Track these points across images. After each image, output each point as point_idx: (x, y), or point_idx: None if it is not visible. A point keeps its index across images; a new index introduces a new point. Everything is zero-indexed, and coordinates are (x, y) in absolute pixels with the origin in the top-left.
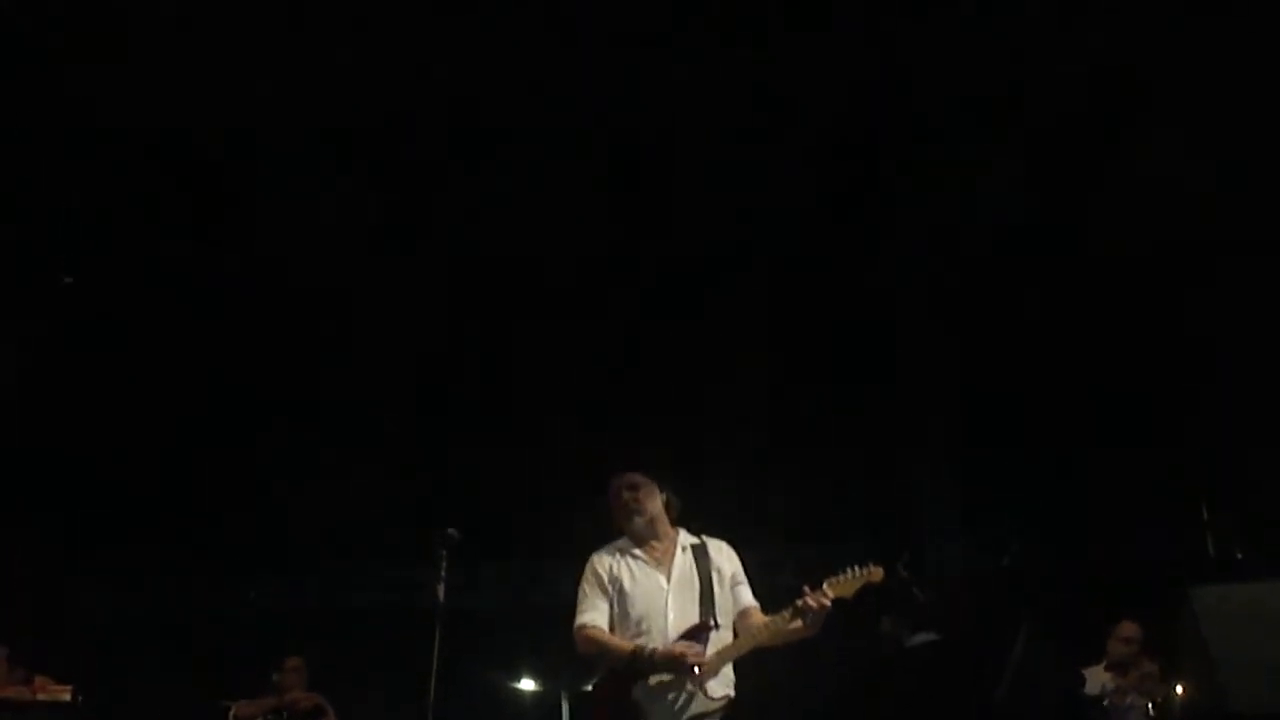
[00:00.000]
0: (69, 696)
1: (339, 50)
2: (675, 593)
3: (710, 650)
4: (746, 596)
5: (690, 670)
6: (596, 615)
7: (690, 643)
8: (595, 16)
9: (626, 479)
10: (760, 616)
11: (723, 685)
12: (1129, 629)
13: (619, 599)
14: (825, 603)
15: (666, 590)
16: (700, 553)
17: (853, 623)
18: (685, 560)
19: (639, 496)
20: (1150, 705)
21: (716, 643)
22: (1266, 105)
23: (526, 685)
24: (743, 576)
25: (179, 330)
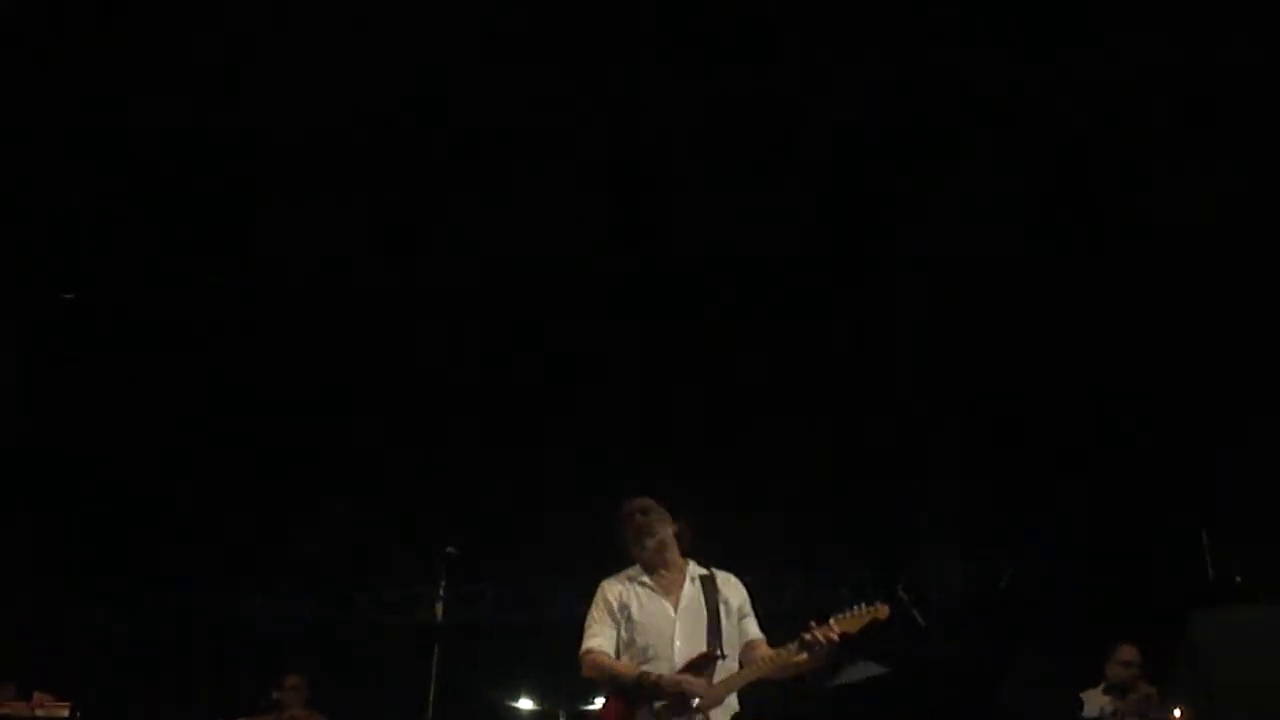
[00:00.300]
0: (67, 713)
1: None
2: (683, 621)
3: (716, 678)
4: (753, 629)
5: (689, 702)
6: (604, 641)
7: (693, 676)
8: (596, 29)
9: (638, 503)
10: (766, 649)
11: (726, 714)
12: (1128, 652)
13: (627, 625)
14: (833, 637)
15: (674, 619)
16: (709, 584)
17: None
18: (694, 590)
19: (650, 521)
20: None
21: (722, 672)
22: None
23: (525, 705)
24: (749, 609)
25: (182, 344)
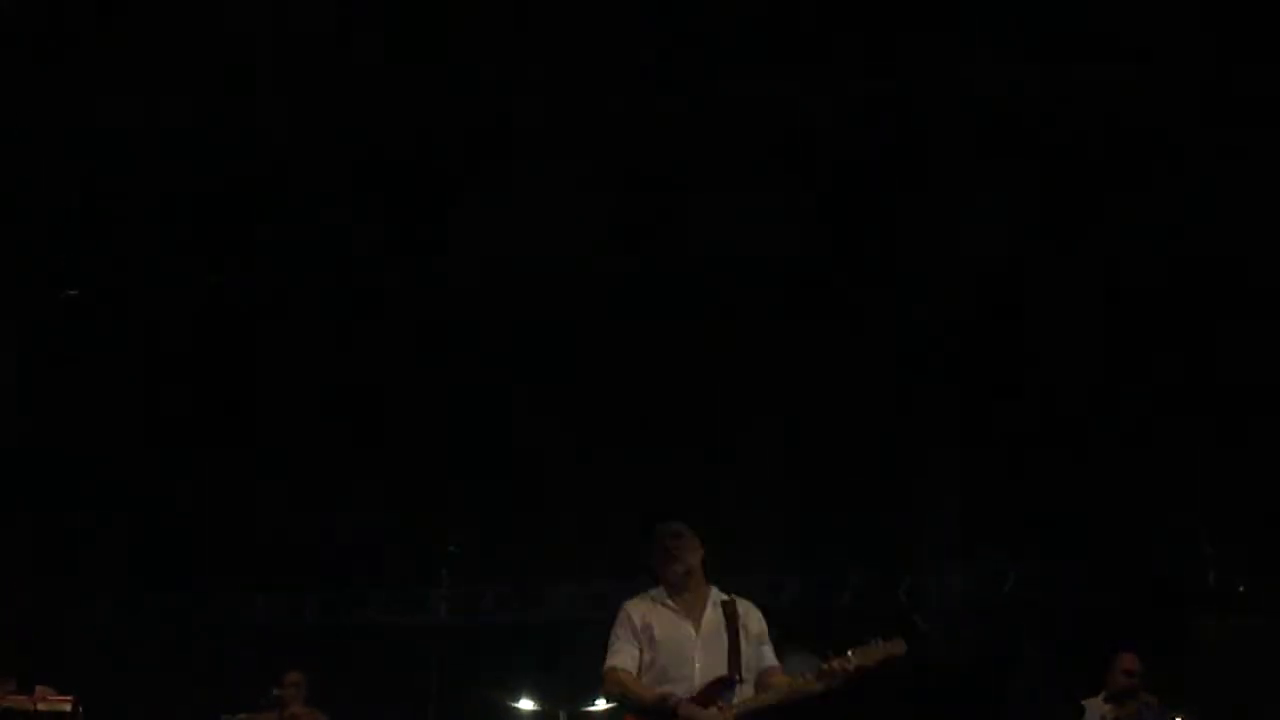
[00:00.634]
0: (70, 707)
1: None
2: (704, 644)
3: (733, 702)
4: (770, 657)
5: None
6: (626, 660)
7: (710, 699)
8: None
9: (672, 527)
10: (782, 677)
11: None
12: (1129, 660)
13: (649, 646)
14: (849, 669)
15: (695, 641)
16: (729, 609)
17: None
18: (715, 614)
19: (682, 546)
20: None
21: (738, 696)
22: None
23: (525, 705)
24: (767, 638)
25: (183, 344)
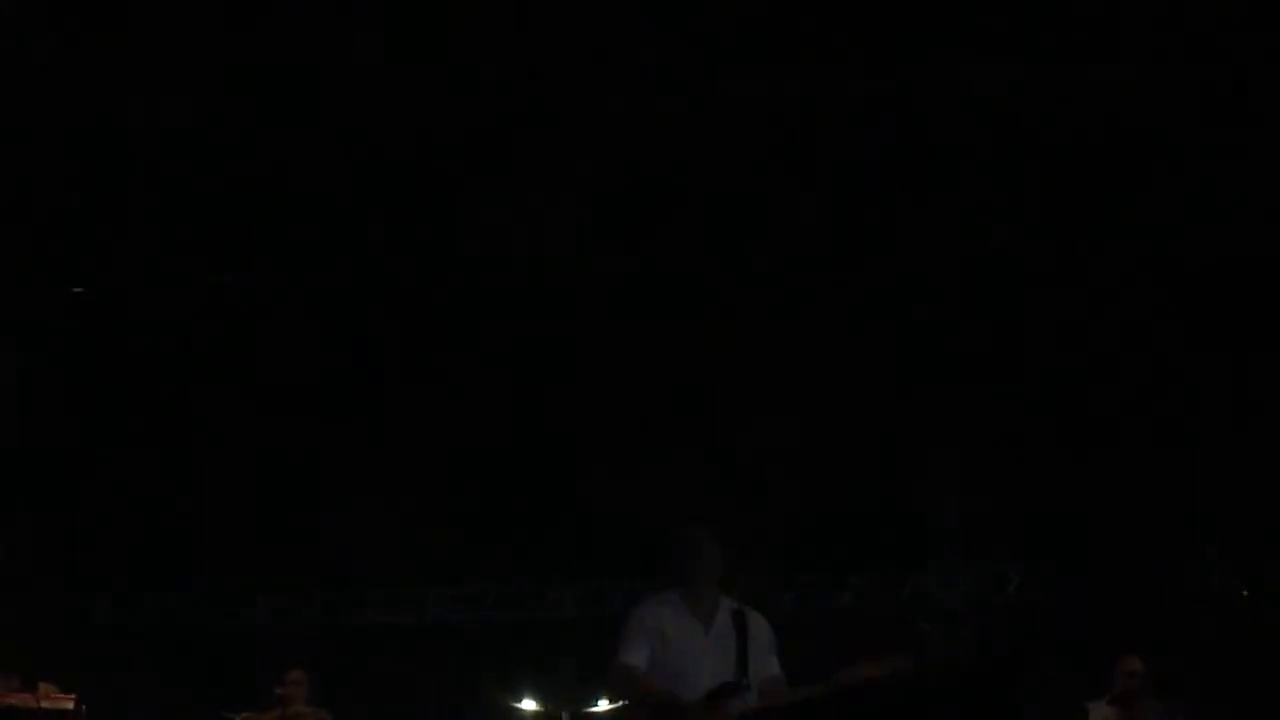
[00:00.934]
0: (72, 705)
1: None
2: (714, 649)
3: (738, 708)
4: (776, 668)
5: None
6: (637, 659)
7: (716, 703)
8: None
9: (696, 531)
10: (786, 687)
11: None
12: (1133, 663)
13: (661, 646)
14: (859, 679)
15: (705, 645)
16: (740, 618)
17: None
18: (726, 621)
19: (703, 549)
20: None
21: (744, 703)
22: None
23: (528, 705)
24: (774, 650)
25: (185, 340)
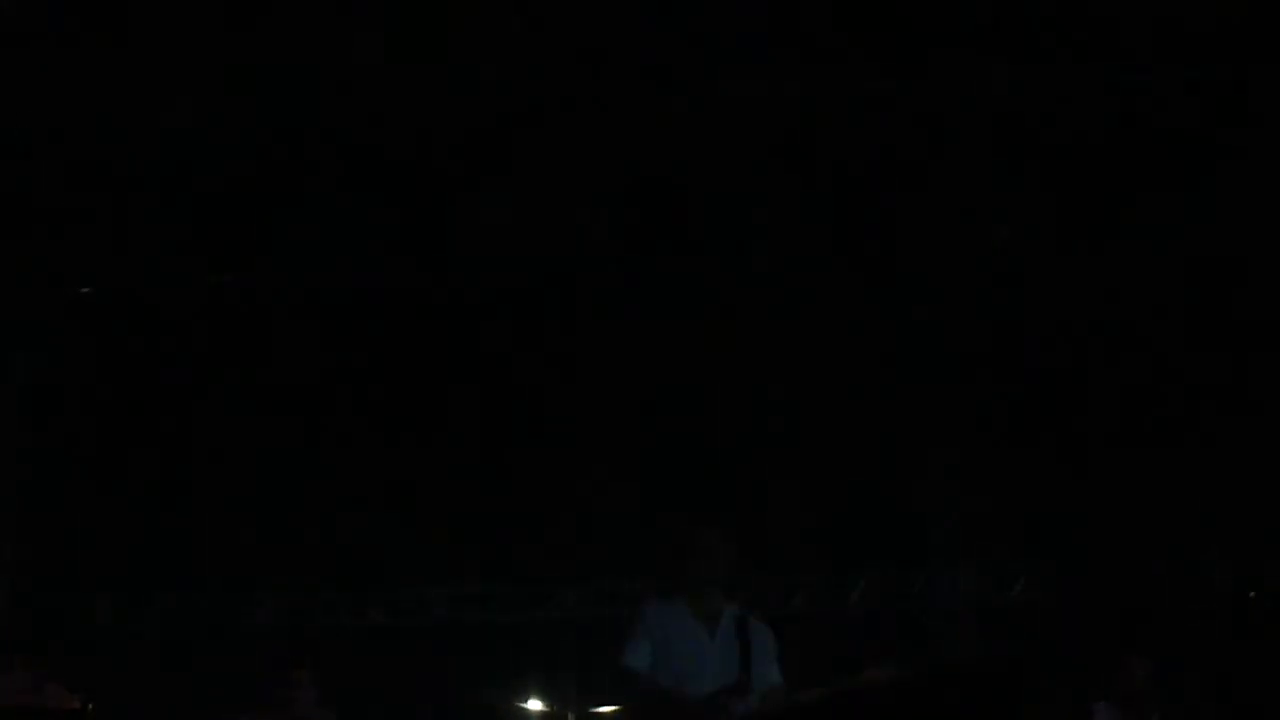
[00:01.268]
0: (79, 705)
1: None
2: (717, 653)
3: (739, 710)
4: (777, 676)
5: None
6: (639, 661)
7: (718, 705)
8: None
9: (711, 532)
10: (783, 693)
11: None
12: (1138, 664)
13: (664, 648)
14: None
15: (709, 649)
16: (743, 623)
17: None
18: (730, 626)
19: (717, 551)
20: None
21: (749, 704)
22: None
23: (534, 705)
24: (776, 656)
25: (185, 339)
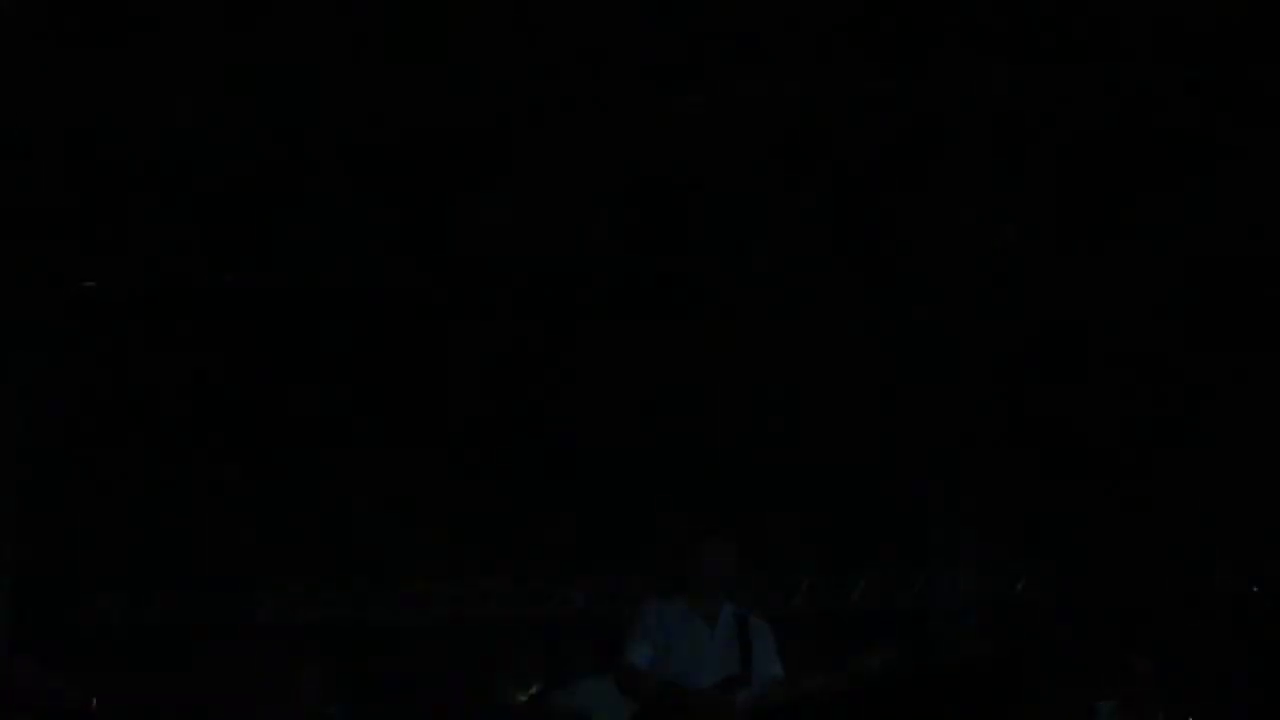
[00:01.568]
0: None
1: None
2: (718, 651)
3: (741, 704)
4: (779, 668)
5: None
6: (640, 659)
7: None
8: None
9: (723, 534)
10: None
11: None
12: (1141, 664)
13: (664, 645)
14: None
15: (710, 647)
16: (743, 621)
17: None
18: (730, 624)
19: (726, 556)
20: None
21: (746, 700)
22: None
23: (533, 704)
24: (776, 652)
25: (185, 339)
